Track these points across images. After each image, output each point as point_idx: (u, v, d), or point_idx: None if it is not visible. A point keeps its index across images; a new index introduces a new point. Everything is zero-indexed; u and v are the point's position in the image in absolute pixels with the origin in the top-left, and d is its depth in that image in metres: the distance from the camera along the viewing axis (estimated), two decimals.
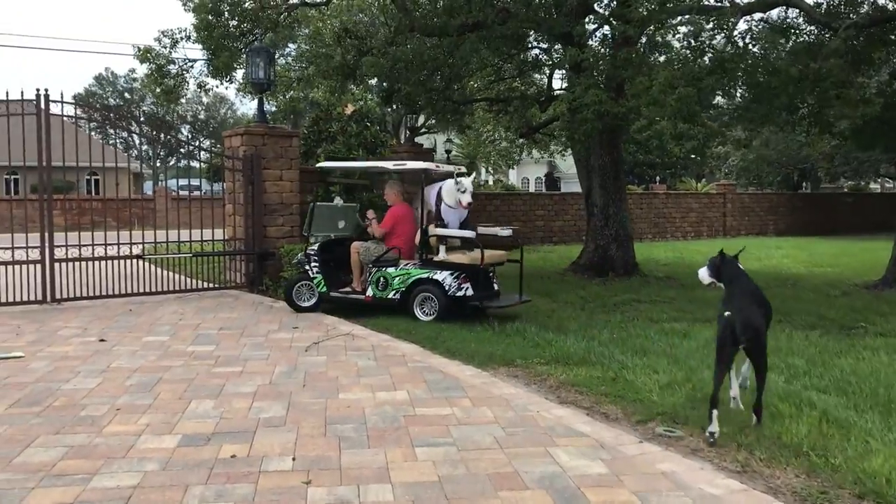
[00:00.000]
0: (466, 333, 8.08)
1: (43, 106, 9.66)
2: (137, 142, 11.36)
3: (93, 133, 48.11)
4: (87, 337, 7.97)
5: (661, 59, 12.03)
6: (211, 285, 11.62)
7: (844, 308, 10.34)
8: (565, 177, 59.52)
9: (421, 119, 16.28)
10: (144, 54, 15.08)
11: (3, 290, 9.94)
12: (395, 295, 9.07)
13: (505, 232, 9.75)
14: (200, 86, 16.43)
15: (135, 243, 10.75)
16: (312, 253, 9.52)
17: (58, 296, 10.15)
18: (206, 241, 11.68)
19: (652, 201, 25.80)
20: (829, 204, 30.59)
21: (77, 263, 10.33)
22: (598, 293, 11.56)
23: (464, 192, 9.20)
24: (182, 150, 12.34)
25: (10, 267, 9.97)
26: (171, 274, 11.78)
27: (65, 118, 10.01)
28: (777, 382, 6.06)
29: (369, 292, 9.21)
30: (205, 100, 73.82)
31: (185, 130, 68.78)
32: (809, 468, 4.31)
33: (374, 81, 24.21)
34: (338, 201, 11.53)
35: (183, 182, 26.57)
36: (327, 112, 12.36)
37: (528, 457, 4.48)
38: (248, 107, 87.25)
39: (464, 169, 9.67)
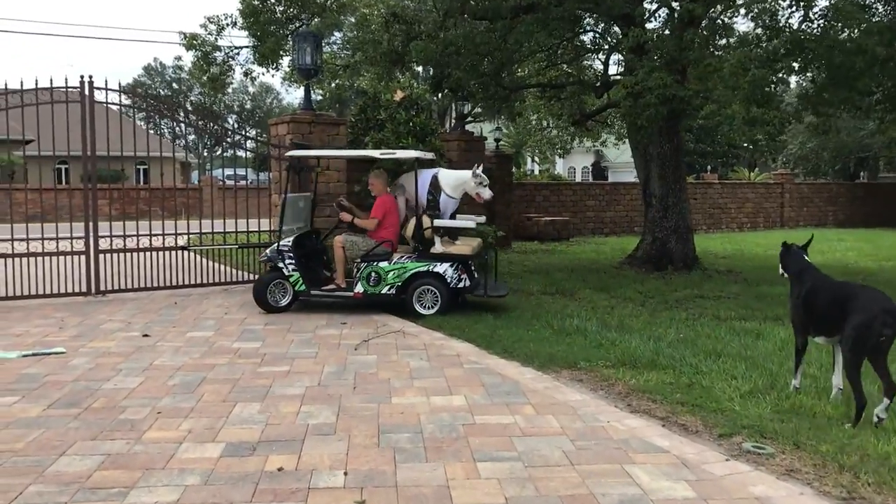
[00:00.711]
0: (523, 332, 7.64)
1: (87, 93, 9.44)
2: (185, 131, 11.09)
3: (140, 122, 48.63)
4: (130, 331, 7.72)
5: (722, 42, 11.39)
6: (257, 277, 11.32)
7: None
8: (613, 166, 58.50)
9: (467, 107, 15.80)
10: (190, 41, 14.88)
11: (49, 281, 9.78)
12: (389, 290, 8.61)
13: (480, 219, 9.68)
14: (246, 73, 16.21)
15: (180, 234, 10.51)
16: (286, 249, 8.73)
17: (102, 287, 9.95)
18: (252, 231, 11.39)
19: (707, 191, 24.98)
20: (892, 194, 29.34)
21: (122, 254, 10.13)
22: (657, 288, 11.01)
23: (486, 185, 9.11)
24: (228, 139, 12.08)
25: (55, 258, 9.81)
26: (216, 265, 11.54)
27: (109, 105, 9.78)
28: (872, 392, 5.50)
29: (359, 288, 8.63)
30: (251, 89, 74.29)
31: (231, 120, 69.27)
32: None
33: (421, 69, 23.81)
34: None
35: (229, 172, 26.56)
36: (375, 99, 11.97)
37: (603, 476, 4.04)
38: (293, 96, 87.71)
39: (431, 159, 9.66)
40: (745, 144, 41.97)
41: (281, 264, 8.69)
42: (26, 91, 9.13)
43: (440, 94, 19.19)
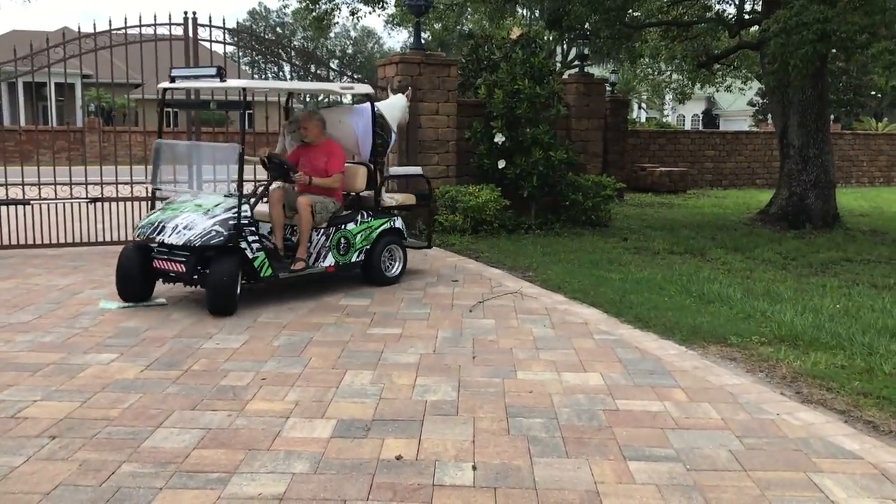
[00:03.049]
0: (657, 297, 6.85)
1: (191, 31, 9.03)
2: (288, 75, 10.59)
3: (245, 67, 49.05)
4: None
5: None
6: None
7: None
8: (725, 114, 55.76)
9: (585, 48, 14.71)
10: None
11: None
12: (358, 257, 7.15)
13: (417, 169, 8.80)
14: (353, 12, 15.60)
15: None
16: (248, 221, 6.25)
17: None
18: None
19: (837, 142, 23.05)
20: None
21: None
22: (798, 249, 9.95)
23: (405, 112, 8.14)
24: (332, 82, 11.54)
25: (158, 203, 9.55)
26: None
27: (214, 45, 9.35)
28: None
29: (329, 260, 6.90)
30: (352, 34, 74.09)
31: (333, 65, 69.31)
32: None
33: (526, 11, 22.62)
34: (499, 138, 10.44)
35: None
36: (488, 38, 11.18)
37: (785, 487, 3.31)
38: (395, 40, 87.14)
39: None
40: (875, 92, 38.72)
41: (244, 244, 6.19)
42: (130, 28, 8.77)
43: (549, 36, 18.13)
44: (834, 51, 11.01)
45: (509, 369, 4.87)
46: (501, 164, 10.50)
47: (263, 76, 61.57)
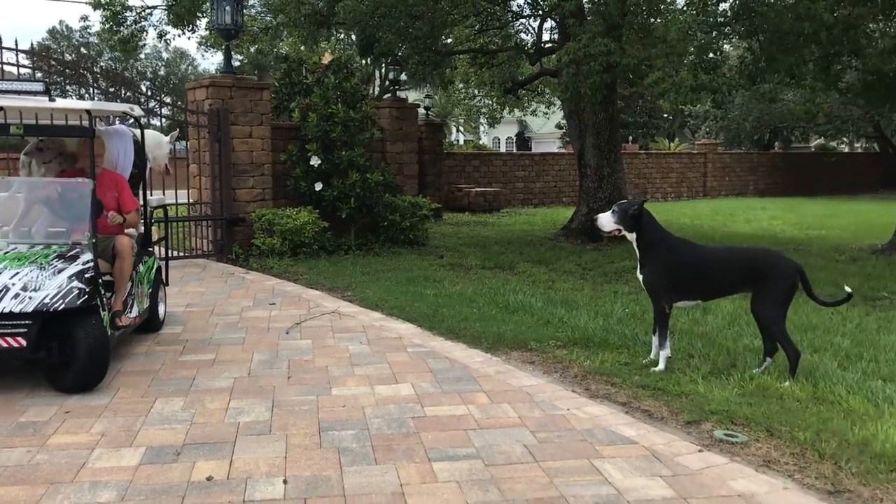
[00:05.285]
0: (467, 310, 7.23)
1: None
2: (93, 97, 10.21)
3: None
4: None
5: (665, 5, 11.07)
6: (175, 253, 10.58)
7: (859, 276, 9.69)
8: (536, 137, 58.66)
9: (396, 73, 15.19)
10: (98, 0, 13.76)
11: None
12: (147, 302, 6.18)
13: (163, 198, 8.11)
14: (160, 35, 15.15)
15: None
16: (99, 272, 5.18)
17: None
18: (168, 204, 10.62)
19: (632, 161, 25.04)
20: (808, 164, 30.10)
21: None
22: (595, 260, 10.78)
23: (168, 152, 7.27)
24: (142, 106, 11.21)
25: None
26: None
27: (8, 67, 8.84)
28: (831, 368, 5.33)
29: (136, 310, 5.83)
30: (164, 55, 71.30)
31: (144, 87, 66.28)
32: None
33: (344, 35, 22.88)
34: (315, 161, 10.57)
35: None
36: (300, 63, 11.29)
37: (571, 473, 3.68)
38: (209, 62, 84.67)
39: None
40: (667, 115, 42.41)
41: (99, 300, 5.05)
42: None
43: (367, 60, 18.50)
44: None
45: (324, 386, 5.00)
46: (318, 186, 10.63)
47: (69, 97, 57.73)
